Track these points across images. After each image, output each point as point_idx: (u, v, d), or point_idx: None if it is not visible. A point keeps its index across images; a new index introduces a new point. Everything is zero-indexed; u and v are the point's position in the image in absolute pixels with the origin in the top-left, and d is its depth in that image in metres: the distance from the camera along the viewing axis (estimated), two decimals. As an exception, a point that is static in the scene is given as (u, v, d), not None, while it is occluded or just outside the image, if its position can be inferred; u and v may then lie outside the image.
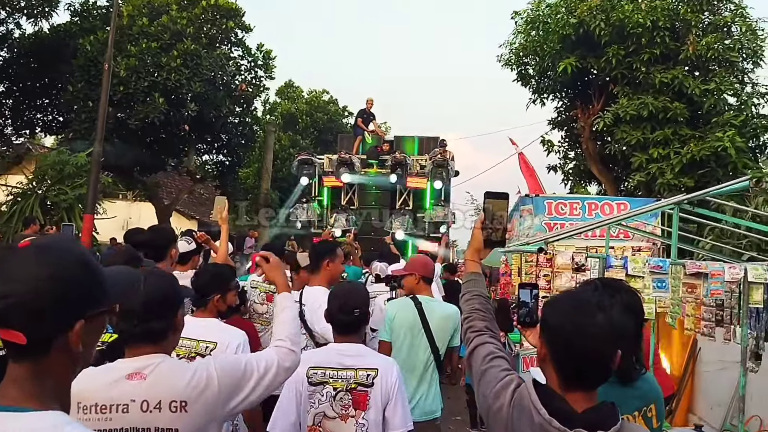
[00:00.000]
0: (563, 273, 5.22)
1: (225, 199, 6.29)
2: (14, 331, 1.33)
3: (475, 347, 2.31)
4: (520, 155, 17.28)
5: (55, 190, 13.82)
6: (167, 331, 2.44)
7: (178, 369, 2.39)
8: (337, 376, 3.28)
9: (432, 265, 5.23)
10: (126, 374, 2.31)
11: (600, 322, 1.86)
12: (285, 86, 35.82)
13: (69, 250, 1.47)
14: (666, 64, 14.70)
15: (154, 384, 2.30)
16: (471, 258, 2.66)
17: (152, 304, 2.37)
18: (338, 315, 3.40)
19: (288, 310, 2.87)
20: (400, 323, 4.73)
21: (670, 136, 13.96)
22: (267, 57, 21.47)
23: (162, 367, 2.35)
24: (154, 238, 4.82)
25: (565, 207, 10.15)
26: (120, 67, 17.00)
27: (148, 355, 2.37)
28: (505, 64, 18.19)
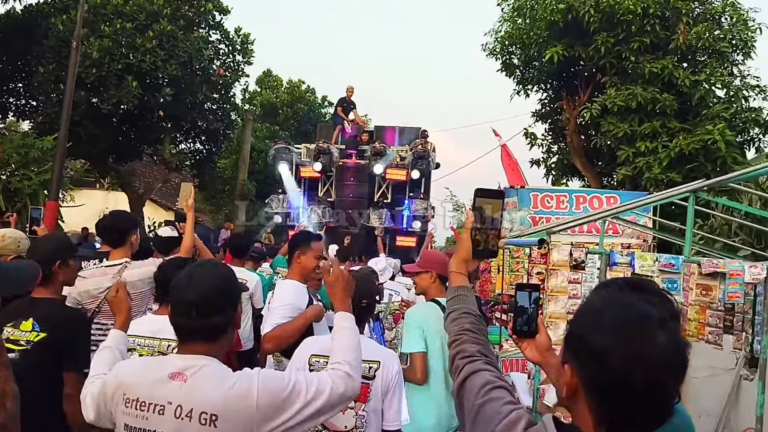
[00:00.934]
0: (560, 270, 4.67)
1: (191, 186, 6.18)
2: None
3: (466, 376, 1.83)
4: (503, 147, 16.82)
5: (19, 175, 13.15)
6: (227, 326, 2.28)
7: (219, 376, 2.18)
8: None
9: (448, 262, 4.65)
10: (170, 372, 2.17)
11: (663, 343, 1.36)
12: (264, 75, 35.18)
13: None
14: (656, 53, 14.32)
15: (192, 389, 2.14)
16: (457, 269, 2.22)
17: (211, 296, 2.21)
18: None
19: (347, 331, 2.64)
20: (434, 333, 4.18)
21: (658, 128, 13.57)
22: (245, 41, 20.83)
23: (205, 371, 2.17)
24: (113, 223, 4.66)
25: (552, 200, 9.71)
26: (93, 48, 16.27)
27: (197, 354, 2.20)
28: (489, 53, 17.77)
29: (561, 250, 4.74)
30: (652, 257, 4.43)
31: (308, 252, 4.35)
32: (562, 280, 4.63)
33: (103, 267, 4.55)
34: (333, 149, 16.64)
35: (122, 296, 3.03)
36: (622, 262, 4.33)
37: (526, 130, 18.19)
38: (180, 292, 2.23)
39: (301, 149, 17.44)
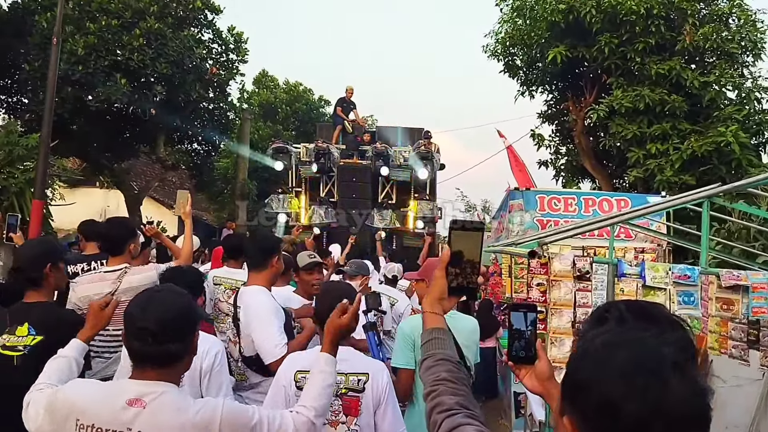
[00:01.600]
0: (562, 281, 4.20)
1: (187, 193, 5.73)
2: None
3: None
4: (509, 148, 16.43)
5: (4, 173, 12.72)
6: (183, 354, 2.28)
7: (181, 403, 2.20)
8: None
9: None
10: (127, 399, 2.16)
11: (684, 391, 1.13)
12: (260, 76, 34.82)
13: None
14: (662, 54, 13.93)
15: (153, 415, 2.14)
16: (431, 309, 2.00)
17: (168, 323, 2.21)
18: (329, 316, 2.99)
19: (325, 375, 2.61)
20: None
21: (668, 130, 13.17)
22: (239, 40, 20.42)
23: (165, 398, 2.18)
24: (111, 230, 4.70)
25: (559, 203, 9.25)
26: (78, 45, 15.90)
27: (154, 381, 2.20)
28: (491, 54, 17.35)
29: (563, 259, 4.28)
30: (664, 268, 3.98)
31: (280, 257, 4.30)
32: (566, 292, 4.16)
33: (103, 272, 4.55)
34: (333, 149, 16.28)
35: (108, 313, 2.92)
36: (632, 273, 3.87)
37: (533, 132, 17.75)
38: (136, 318, 2.22)
39: (300, 149, 17.04)
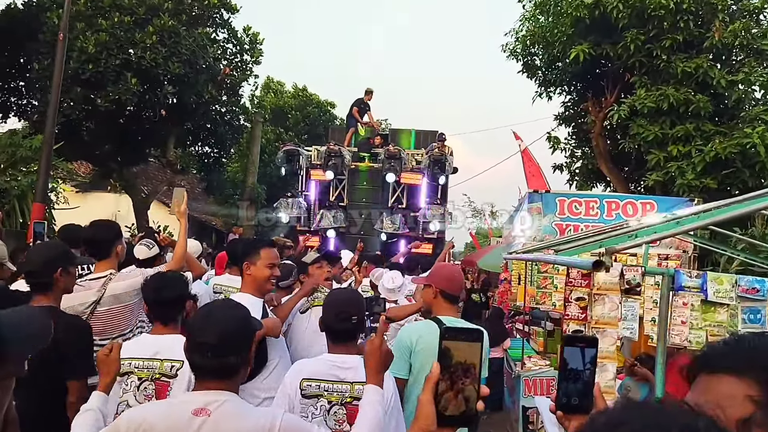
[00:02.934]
0: (607, 296, 3.65)
1: (184, 191, 5.45)
2: None
3: None
4: (524, 151, 15.94)
5: (7, 175, 12.44)
6: (239, 367, 2.38)
7: (243, 411, 2.35)
8: (332, 390, 3.12)
9: (460, 279, 4.04)
10: (193, 409, 2.28)
11: None
12: (268, 81, 34.60)
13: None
14: (689, 52, 13.37)
15: (217, 422, 2.27)
16: None
17: (227, 337, 2.33)
18: (335, 324, 3.20)
19: (375, 405, 2.66)
20: (426, 352, 3.67)
21: (691, 131, 12.63)
22: (254, 40, 20.04)
23: (227, 406, 2.31)
24: (95, 234, 4.59)
25: (580, 206, 8.73)
26: (89, 42, 15.53)
27: (215, 390, 2.33)
28: (510, 54, 16.90)
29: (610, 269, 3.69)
30: (729, 279, 3.46)
31: (257, 261, 4.09)
32: (611, 308, 3.63)
33: (87, 280, 4.37)
34: (345, 152, 15.84)
35: (114, 357, 2.84)
36: (691, 285, 3.38)
37: (549, 134, 17.28)
38: (197, 332, 2.36)
39: (311, 152, 16.66)
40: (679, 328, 3.87)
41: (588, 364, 1.63)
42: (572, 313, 3.96)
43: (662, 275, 3.15)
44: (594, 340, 1.68)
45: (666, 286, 3.08)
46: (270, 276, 4.14)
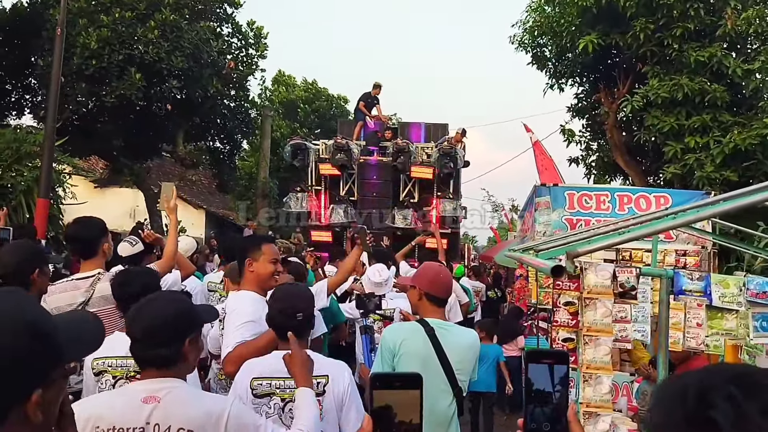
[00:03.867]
0: (599, 300, 3.33)
1: (173, 185, 5.42)
2: None
3: None
4: (536, 144, 15.64)
5: (13, 171, 12.35)
6: (174, 358, 2.39)
7: (193, 397, 2.41)
8: (285, 386, 3.03)
9: (447, 280, 3.81)
10: (142, 397, 2.32)
11: None
12: (279, 75, 34.47)
13: (9, 319, 1.35)
14: (701, 41, 13.04)
15: (167, 408, 2.31)
16: None
17: (155, 330, 2.37)
18: (279, 319, 3.15)
19: (311, 406, 2.74)
20: (409, 356, 3.51)
21: (708, 122, 12.32)
22: (258, 35, 19.87)
23: (177, 392, 2.35)
24: (79, 231, 4.42)
25: (591, 200, 8.43)
26: (91, 38, 15.40)
27: (161, 378, 2.37)
28: (518, 45, 16.61)
29: (599, 270, 3.35)
30: (736, 282, 3.18)
31: (260, 257, 3.94)
32: (604, 314, 3.33)
33: (75, 280, 4.25)
34: (353, 146, 15.65)
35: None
36: (693, 289, 3.11)
37: (562, 127, 16.97)
38: (129, 325, 2.46)
39: (319, 145, 16.50)
40: (694, 330, 3.60)
41: (558, 384, 1.42)
42: (561, 319, 3.70)
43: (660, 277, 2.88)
44: (563, 355, 1.47)
45: (665, 290, 2.81)
46: (274, 272, 3.97)
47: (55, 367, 1.43)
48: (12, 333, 1.33)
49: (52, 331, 1.43)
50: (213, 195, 30.06)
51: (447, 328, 3.67)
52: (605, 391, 3.27)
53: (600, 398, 3.30)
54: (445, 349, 3.50)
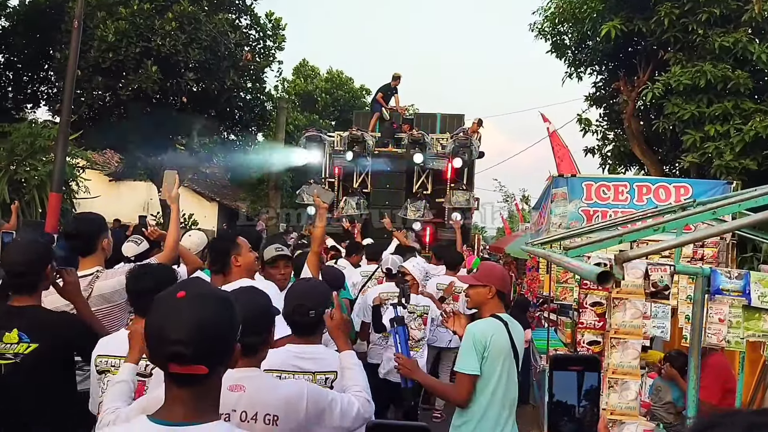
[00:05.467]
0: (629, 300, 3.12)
1: (175, 173, 4.99)
2: (199, 366, 1.66)
3: None
4: (552, 134, 15.39)
5: (27, 165, 12.29)
6: (260, 346, 2.61)
7: (272, 384, 2.63)
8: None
9: (509, 277, 4.14)
10: (228, 385, 2.39)
11: None
12: (300, 65, 34.17)
13: (216, 294, 1.89)
14: (726, 26, 12.69)
15: (252, 396, 2.49)
16: None
17: (248, 320, 2.26)
18: (293, 316, 3.23)
19: (358, 367, 3.03)
20: (497, 350, 3.76)
21: (730, 110, 12.00)
22: (276, 26, 19.67)
23: (258, 381, 2.56)
24: (77, 228, 4.27)
25: (609, 190, 8.18)
26: (109, 30, 15.33)
27: (245, 368, 2.52)
28: (538, 33, 16.32)
29: (631, 268, 3.13)
30: (776, 281, 2.96)
31: (242, 249, 4.28)
32: (633, 315, 3.11)
33: None
34: (368, 137, 15.44)
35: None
36: (731, 288, 2.90)
37: (579, 116, 16.70)
38: None
39: (334, 137, 16.32)
40: (716, 326, 3.41)
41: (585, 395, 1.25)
42: (587, 321, 3.51)
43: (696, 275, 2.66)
44: (594, 361, 1.30)
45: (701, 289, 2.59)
46: (255, 258, 4.43)
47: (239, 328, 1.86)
48: (222, 307, 1.78)
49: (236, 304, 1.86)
50: (226, 188, 30.02)
51: (512, 322, 3.92)
52: (632, 397, 3.08)
53: (626, 405, 3.12)
54: (516, 342, 3.80)
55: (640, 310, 3.12)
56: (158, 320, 1.74)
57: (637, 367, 3.14)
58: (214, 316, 1.74)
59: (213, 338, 1.71)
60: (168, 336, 1.68)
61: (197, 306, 1.72)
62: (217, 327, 1.73)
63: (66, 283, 3.59)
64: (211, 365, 1.70)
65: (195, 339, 1.67)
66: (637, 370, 3.14)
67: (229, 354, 1.79)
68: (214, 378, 1.74)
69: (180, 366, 1.67)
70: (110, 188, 23.86)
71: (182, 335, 1.66)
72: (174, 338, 1.67)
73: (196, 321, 1.69)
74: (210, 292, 1.87)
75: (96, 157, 21.96)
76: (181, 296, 1.74)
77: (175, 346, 1.67)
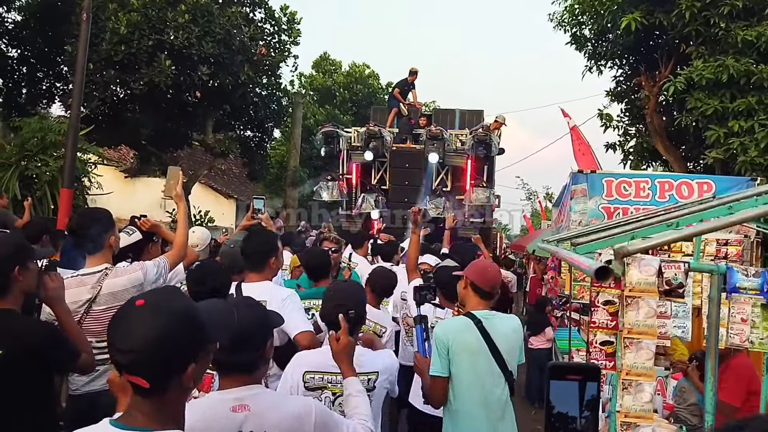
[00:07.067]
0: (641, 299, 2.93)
1: (179, 170, 4.84)
2: (139, 377, 1.67)
3: None
4: (573, 129, 15.18)
5: (38, 161, 12.26)
6: (257, 362, 2.51)
7: (278, 401, 2.53)
8: (336, 381, 3.18)
9: (493, 275, 3.96)
10: (231, 406, 2.39)
11: None
12: (321, 59, 34.05)
13: (177, 308, 1.78)
14: (749, 19, 12.38)
15: (259, 414, 2.39)
16: None
17: (243, 335, 2.43)
18: (333, 316, 3.18)
19: (364, 396, 2.91)
20: (461, 349, 3.74)
21: (754, 105, 11.69)
22: (291, 20, 19.54)
23: (263, 398, 2.45)
24: (81, 225, 4.11)
25: (630, 187, 8.00)
26: (121, 23, 15.24)
27: (245, 385, 2.45)
28: (557, 24, 16.04)
29: (644, 265, 2.93)
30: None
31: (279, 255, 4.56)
32: (647, 314, 2.93)
33: (80, 276, 3.97)
34: (385, 133, 15.35)
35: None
36: (748, 286, 2.72)
37: (600, 112, 16.43)
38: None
39: (351, 133, 16.21)
40: (738, 326, 3.24)
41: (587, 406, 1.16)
42: (600, 320, 3.34)
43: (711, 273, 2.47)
44: (594, 371, 1.20)
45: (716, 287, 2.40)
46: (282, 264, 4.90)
47: (204, 345, 1.81)
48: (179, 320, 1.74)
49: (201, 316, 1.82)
50: (244, 184, 30.05)
51: (490, 317, 3.82)
52: (646, 399, 2.92)
53: (640, 407, 2.95)
54: (494, 339, 3.70)
55: (654, 309, 2.95)
56: (112, 324, 1.77)
57: (652, 368, 2.97)
58: (163, 330, 1.70)
59: (156, 353, 1.68)
60: (113, 342, 1.72)
61: (149, 318, 1.71)
62: (162, 342, 1.69)
63: (47, 288, 3.40)
64: (154, 380, 1.69)
65: (136, 350, 1.67)
66: (652, 371, 2.98)
67: (179, 372, 1.73)
68: (168, 391, 1.74)
69: (125, 374, 1.71)
70: (125, 185, 23.91)
71: (125, 345, 1.68)
72: (116, 345, 1.70)
73: (141, 333, 1.68)
74: (169, 306, 1.78)
75: (111, 153, 22.00)
76: (140, 304, 1.75)
77: (115, 354, 1.71)
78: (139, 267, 4.11)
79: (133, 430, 1.71)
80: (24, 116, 15.79)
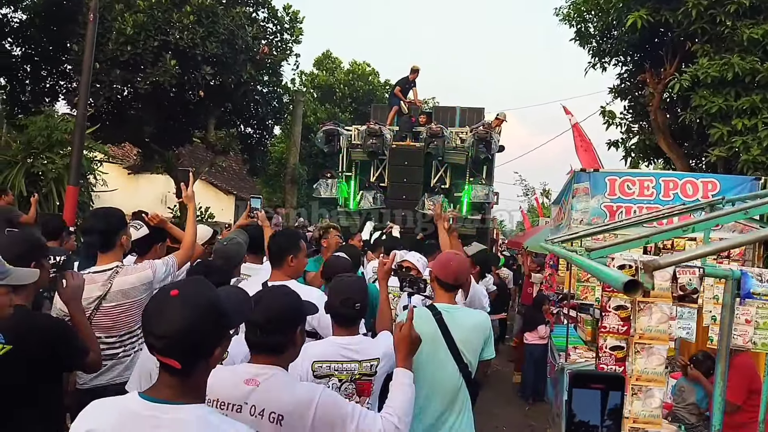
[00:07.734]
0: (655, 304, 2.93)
1: (190, 172, 5.12)
2: (172, 359, 1.89)
3: None
4: (575, 126, 15.15)
5: (44, 158, 12.28)
6: (285, 345, 2.68)
7: (288, 384, 2.63)
8: (342, 369, 3.38)
9: (454, 268, 4.06)
10: (245, 378, 2.59)
11: None
12: (323, 57, 33.99)
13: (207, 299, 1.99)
14: (756, 18, 12.31)
15: (264, 392, 2.56)
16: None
17: (272, 318, 2.62)
18: (340, 309, 3.46)
19: (407, 388, 2.92)
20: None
21: (758, 103, 11.62)
22: (294, 19, 19.53)
23: (275, 379, 2.60)
24: (95, 224, 4.25)
25: (634, 185, 7.91)
26: (127, 23, 15.23)
27: (265, 364, 2.64)
28: (563, 18, 16.00)
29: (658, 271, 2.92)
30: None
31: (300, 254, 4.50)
32: (660, 319, 2.91)
33: (91, 273, 4.05)
34: (385, 131, 15.25)
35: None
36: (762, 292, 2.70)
37: (603, 109, 16.39)
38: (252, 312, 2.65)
39: (351, 131, 16.17)
40: (742, 327, 3.25)
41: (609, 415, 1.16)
42: (611, 325, 3.32)
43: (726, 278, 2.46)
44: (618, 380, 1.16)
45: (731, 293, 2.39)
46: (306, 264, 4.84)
47: (227, 330, 2.05)
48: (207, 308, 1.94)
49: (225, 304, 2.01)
50: (243, 180, 30.05)
51: (452, 310, 3.99)
52: (656, 405, 2.90)
53: (649, 413, 2.93)
54: (451, 331, 3.87)
55: (667, 314, 2.92)
56: (148, 311, 1.98)
57: (663, 373, 2.95)
58: (195, 319, 1.90)
59: (187, 339, 1.89)
60: (150, 328, 1.92)
61: (181, 308, 1.90)
62: (193, 329, 1.89)
63: (67, 285, 3.45)
64: (185, 362, 1.90)
65: (169, 336, 1.88)
66: (663, 377, 2.95)
67: (206, 355, 1.96)
68: (195, 371, 1.96)
69: (158, 355, 1.91)
70: (129, 181, 23.93)
71: (160, 330, 1.89)
72: (153, 331, 1.91)
73: (176, 320, 1.88)
74: (200, 297, 1.98)
75: (115, 150, 21.99)
76: (174, 294, 1.94)
77: (151, 338, 1.91)
78: (149, 266, 4.22)
79: (160, 402, 1.91)
80: (28, 114, 15.80)
